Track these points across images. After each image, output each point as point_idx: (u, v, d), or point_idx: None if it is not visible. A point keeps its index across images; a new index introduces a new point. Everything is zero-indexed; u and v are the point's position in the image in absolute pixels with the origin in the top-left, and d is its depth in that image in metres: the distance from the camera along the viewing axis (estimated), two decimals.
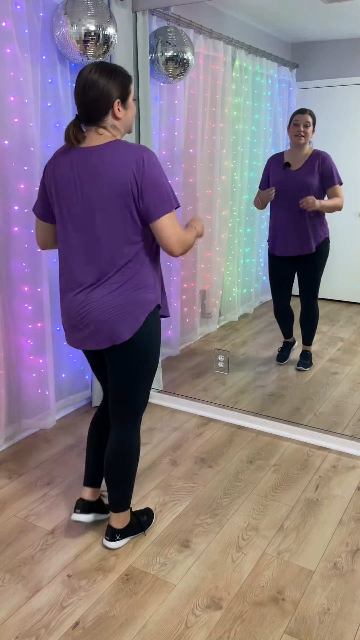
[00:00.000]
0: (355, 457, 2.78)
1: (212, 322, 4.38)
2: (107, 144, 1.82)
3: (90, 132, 1.86)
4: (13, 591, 1.97)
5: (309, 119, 3.35)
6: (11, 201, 2.66)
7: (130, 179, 1.79)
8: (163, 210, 1.81)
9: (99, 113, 1.82)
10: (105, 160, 1.80)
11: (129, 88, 1.88)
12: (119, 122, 1.87)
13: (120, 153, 1.80)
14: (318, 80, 4.26)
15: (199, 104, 3.74)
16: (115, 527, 2.16)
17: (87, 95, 1.80)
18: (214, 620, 1.85)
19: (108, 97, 1.81)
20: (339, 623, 1.83)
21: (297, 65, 4.28)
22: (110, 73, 1.81)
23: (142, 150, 1.82)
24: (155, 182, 1.80)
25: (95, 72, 1.80)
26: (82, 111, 1.84)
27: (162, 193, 1.81)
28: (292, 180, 3.40)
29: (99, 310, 1.90)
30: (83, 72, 1.82)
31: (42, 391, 2.94)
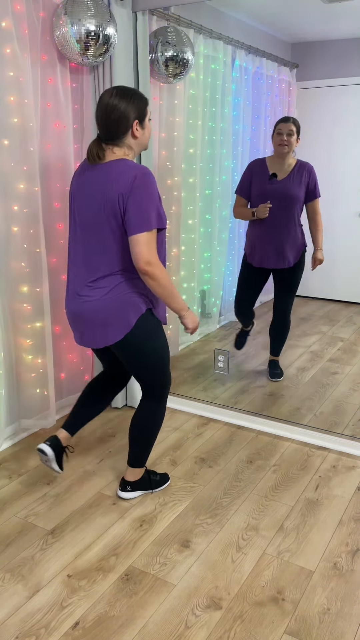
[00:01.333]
0: (355, 457, 2.78)
1: (212, 322, 4.38)
2: (112, 162, 2.03)
3: (107, 150, 2.07)
4: (13, 591, 1.97)
5: (293, 127, 3.26)
6: (11, 201, 2.66)
7: (120, 195, 1.97)
8: (139, 228, 1.96)
9: (119, 133, 2.03)
10: (106, 177, 2.03)
11: (146, 110, 2.09)
12: (136, 142, 2.09)
13: (119, 171, 1.99)
14: (318, 80, 4.26)
15: (199, 104, 3.74)
16: (127, 479, 2.45)
17: (109, 118, 2.01)
18: (214, 620, 1.85)
19: (127, 119, 2.02)
20: (339, 623, 1.83)
21: (297, 65, 4.28)
22: (130, 97, 2.03)
23: (138, 170, 1.99)
24: (138, 200, 1.96)
25: (115, 96, 2.01)
26: (104, 132, 2.04)
27: (143, 212, 1.96)
28: (278, 190, 3.30)
29: (91, 312, 2.10)
30: (104, 96, 2.03)
31: (41, 391, 2.94)
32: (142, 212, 1.96)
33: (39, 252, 2.76)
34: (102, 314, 2.09)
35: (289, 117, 3.30)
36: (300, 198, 3.34)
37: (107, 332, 2.11)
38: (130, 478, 2.45)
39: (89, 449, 2.87)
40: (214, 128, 3.91)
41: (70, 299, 2.18)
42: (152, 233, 1.98)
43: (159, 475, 2.55)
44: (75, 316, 2.17)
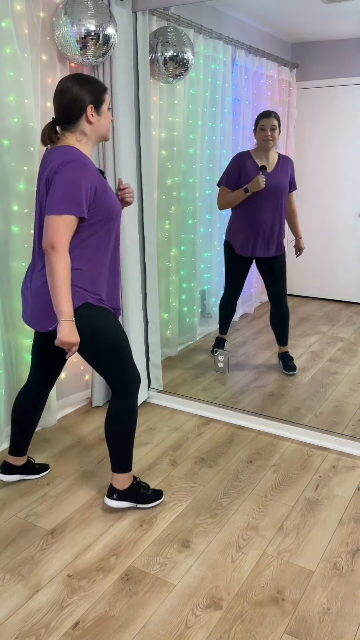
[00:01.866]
0: (355, 457, 2.78)
1: (212, 322, 4.38)
2: (57, 147, 2.03)
3: (61, 135, 2.07)
4: (13, 591, 1.97)
5: (275, 122, 3.35)
6: (11, 201, 2.66)
7: (48, 179, 1.98)
8: (51, 210, 1.94)
9: (71, 117, 2.02)
10: (45, 162, 2.02)
11: (104, 97, 2.07)
12: (91, 128, 2.06)
13: (55, 156, 1.99)
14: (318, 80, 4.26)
15: (199, 104, 3.74)
16: (114, 486, 2.36)
17: (62, 100, 2.02)
18: (214, 620, 1.85)
19: (80, 102, 2.01)
20: (339, 623, 1.83)
21: (297, 65, 4.28)
22: (85, 81, 2.03)
23: (69, 156, 1.97)
24: (57, 183, 1.94)
25: (70, 80, 2.02)
26: (58, 114, 2.04)
27: (59, 195, 1.93)
28: (269, 182, 3.41)
29: (32, 297, 2.11)
30: (60, 80, 2.04)
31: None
32: (57, 194, 1.92)
33: None
34: (40, 300, 2.07)
35: (270, 112, 3.37)
36: (287, 189, 3.49)
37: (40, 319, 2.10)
38: (117, 486, 2.35)
39: (89, 449, 2.87)
40: (214, 128, 3.91)
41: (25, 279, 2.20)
42: (63, 218, 1.92)
43: (152, 490, 2.42)
44: (23, 298, 2.18)
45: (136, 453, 2.83)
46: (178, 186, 3.68)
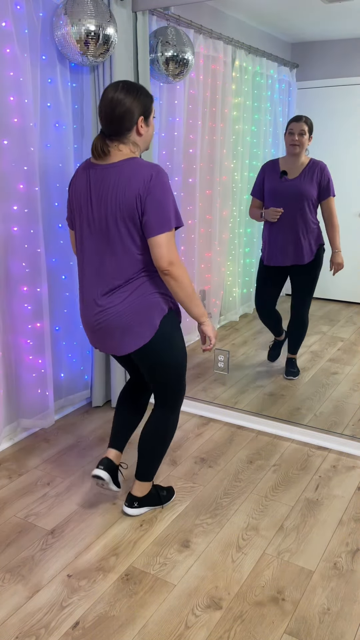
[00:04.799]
0: (355, 457, 2.78)
1: (213, 322, 4.38)
2: (124, 161, 1.95)
3: (112, 147, 1.99)
4: (13, 591, 1.97)
5: (304, 127, 3.26)
6: (11, 201, 2.66)
7: (137, 195, 1.91)
8: (160, 229, 1.91)
9: (123, 129, 1.96)
10: (119, 177, 1.93)
11: (151, 107, 2.03)
12: (140, 139, 2.02)
13: (133, 170, 1.92)
14: (318, 80, 4.27)
15: (199, 104, 3.74)
16: (135, 495, 2.34)
17: (114, 112, 1.94)
18: (214, 620, 1.85)
19: (132, 114, 1.95)
20: (339, 623, 1.83)
21: (297, 65, 4.28)
22: (136, 92, 1.97)
23: (152, 169, 1.92)
24: (157, 201, 1.90)
25: (121, 90, 1.95)
26: (108, 127, 1.97)
27: (163, 212, 1.91)
28: (289, 189, 3.32)
29: (113, 318, 2.03)
30: (109, 90, 1.96)
31: (41, 391, 2.94)
32: (162, 212, 1.90)
33: (39, 252, 2.76)
34: (125, 318, 2.02)
35: (301, 116, 3.29)
36: (312, 196, 3.33)
37: (130, 338, 2.04)
38: (138, 494, 2.34)
39: (89, 449, 2.87)
40: (214, 128, 3.91)
41: (89, 309, 2.09)
42: (172, 233, 1.93)
43: (165, 489, 2.45)
44: (95, 326, 2.08)
45: (136, 453, 2.83)
46: (178, 186, 3.68)
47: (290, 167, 3.35)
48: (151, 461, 2.29)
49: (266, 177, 3.42)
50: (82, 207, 2.03)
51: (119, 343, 2.07)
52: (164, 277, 1.97)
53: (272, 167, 3.41)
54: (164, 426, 2.24)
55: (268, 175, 3.41)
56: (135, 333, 2.04)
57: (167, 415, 2.24)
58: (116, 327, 2.04)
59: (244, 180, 4.16)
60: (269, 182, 3.40)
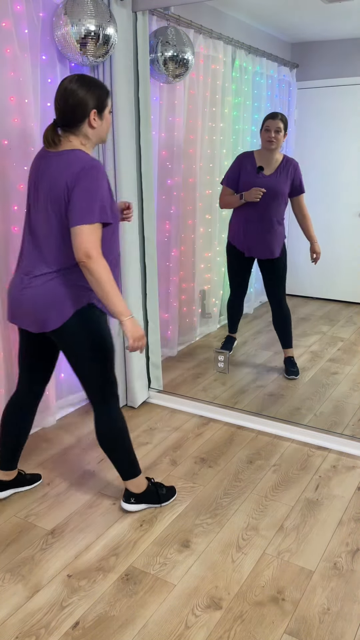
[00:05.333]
0: (355, 457, 2.78)
1: (212, 322, 4.38)
2: (68, 151, 1.99)
3: (63, 137, 2.03)
4: (13, 591, 1.97)
5: (280, 124, 3.33)
6: (11, 201, 2.66)
7: (65, 185, 1.94)
8: (81, 220, 1.91)
9: (75, 120, 1.99)
10: (58, 166, 1.97)
11: (106, 101, 2.04)
12: (93, 132, 2.04)
13: (70, 161, 1.96)
14: (318, 80, 4.26)
15: (199, 104, 3.74)
16: (130, 490, 2.34)
17: (66, 103, 1.97)
18: (214, 620, 1.85)
19: (85, 106, 1.98)
20: (339, 623, 1.83)
21: (297, 65, 4.28)
22: (90, 85, 1.99)
23: (87, 162, 1.94)
24: (82, 192, 1.92)
25: (75, 82, 1.98)
26: (61, 117, 2.00)
27: (86, 203, 1.91)
28: (265, 185, 3.39)
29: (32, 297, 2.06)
30: (64, 81, 1.99)
31: None
32: (85, 203, 1.90)
33: None
34: (41, 299, 2.04)
35: (276, 114, 3.36)
36: (286, 192, 3.45)
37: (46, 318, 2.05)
38: (133, 489, 2.34)
39: (89, 449, 2.87)
40: (214, 128, 3.91)
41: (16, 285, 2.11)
42: (94, 226, 1.92)
43: (166, 488, 2.43)
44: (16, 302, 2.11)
45: (136, 453, 2.84)
46: (178, 186, 3.68)
47: (266, 163, 3.43)
48: (122, 459, 2.28)
49: (242, 170, 3.47)
50: (30, 191, 2.08)
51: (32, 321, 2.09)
52: (82, 269, 1.96)
53: (249, 161, 3.47)
54: (110, 426, 2.22)
55: (244, 168, 3.47)
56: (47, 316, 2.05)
57: (107, 413, 2.21)
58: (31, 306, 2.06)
59: None
60: (245, 175, 3.46)
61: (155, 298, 3.29)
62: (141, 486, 2.34)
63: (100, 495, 2.49)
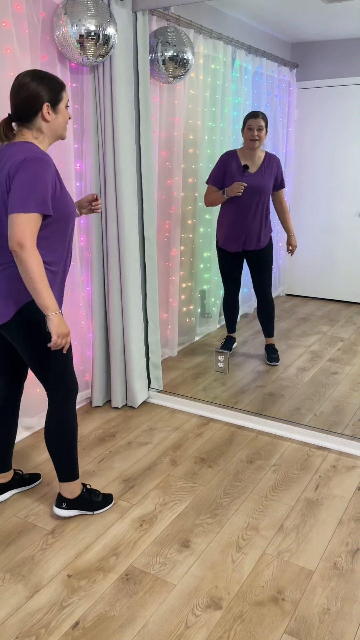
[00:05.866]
0: (355, 457, 2.78)
1: (212, 322, 4.38)
2: (17, 143, 1.97)
3: (17, 132, 2.02)
4: (13, 591, 1.97)
5: (262, 122, 3.44)
6: None
7: (8, 175, 1.92)
8: (16, 208, 1.87)
9: (28, 113, 1.98)
10: (4, 157, 1.95)
11: (61, 94, 2.02)
12: (47, 126, 2.02)
13: (16, 152, 1.94)
14: (318, 80, 4.26)
15: (199, 104, 3.74)
16: (62, 495, 2.31)
17: (18, 96, 1.97)
18: (214, 620, 1.85)
19: (36, 99, 1.96)
20: (339, 623, 1.83)
21: (297, 65, 4.28)
22: (42, 78, 1.97)
23: (32, 153, 1.92)
24: (21, 181, 1.89)
25: (27, 75, 1.97)
26: (14, 110, 2.00)
27: (23, 192, 1.88)
28: (251, 182, 3.50)
29: None
30: (18, 76, 2.02)
31: (42, 390, 2.94)
32: (23, 192, 1.87)
33: None
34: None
35: (257, 112, 3.45)
36: (270, 189, 3.58)
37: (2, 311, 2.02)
38: (66, 495, 2.29)
39: (89, 449, 2.87)
40: (214, 128, 3.91)
41: None
42: (30, 216, 1.87)
43: (102, 495, 2.38)
44: None
45: (136, 453, 2.84)
46: (178, 186, 3.68)
47: (250, 161, 3.53)
48: (63, 460, 2.24)
49: (227, 168, 3.56)
50: None
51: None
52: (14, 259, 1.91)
53: (233, 160, 3.56)
54: (62, 423, 2.20)
55: (229, 167, 3.56)
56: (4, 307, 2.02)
57: (61, 410, 2.19)
58: None
59: None
60: (230, 175, 3.55)
61: (155, 298, 3.29)
62: (75, 492, 2.30)
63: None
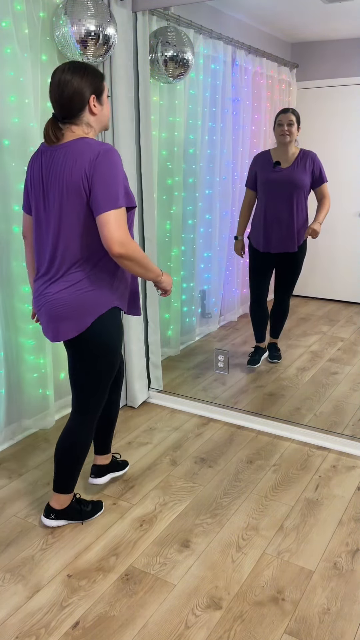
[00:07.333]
0: (355, 457, 2.78)
1: (212, 322, 4.38)
2: (73, 141, 1.90)
3: (65, 130, 1.94)
4: (13, 591, 1.97)
5: (292, 117, 3.40)
6: (11, 201, 2.66)
7: (84, 173, 1.84)
8: (107, 206, 1.81)
9: (74, 110, 1.91)
10: (67, 157, 1.88)
11: (102, 85, 1.96)
12: (95, 119, 1.96)
13: (81, 149, 1.86)
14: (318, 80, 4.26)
15: (199, 104, 3.74)
16: (52, 506, 2.26)
17: (62, 94, 1.89)
18: (214, 620, 1.85)
19: (82, 94, 1.90)
20: (339, 623, 1.83)
21: (297, 65, 4.28)
22: (83, 71, 1.90)
23: (101, 146, 1.86)
24: (103, 178, 1.82)
25: (68, 71, 1.89)
26: (59, 109, 1.92)
27: (109, 189, 1.82)
28: (283, 178, 3.45)
29: (51, 305, 1.98)
30: (56, 72, 1.91)
31: (42, 391, 2.94)
32: (109, 189, 1.81)
33: None
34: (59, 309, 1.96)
35: (288, 108, 3.45)
36: (305, 185, 3.46)
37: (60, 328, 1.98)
38: (56, 506, 2.24)
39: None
40: (214, 128, 3.91)
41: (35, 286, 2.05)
42: (121, 211, 1.82)
43: (90, 504, 2.35)
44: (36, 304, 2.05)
45: (136, 453, 2.84)
46: (178, 186, 3.68)
47: (282, 157, 3.47)
48: (68, 472, 2.20)
49: (258, 168, 3.53)
50: (36, 191, 1.97)
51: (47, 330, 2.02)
52: (118, 261, 1.86)
53: (264, 158, 3.52)
54: (74, 439, 2.16)
55: (260, 167, 3.52)
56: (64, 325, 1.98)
57: (85, 423, 2.16)
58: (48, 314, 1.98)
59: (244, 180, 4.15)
60: (262, 173, 3.51)
61: (156, 298, 3.29)
62: (64, 504, 2.25)
63: (100, 495, 2.49)
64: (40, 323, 2.08)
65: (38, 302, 2.04)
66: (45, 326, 2.03)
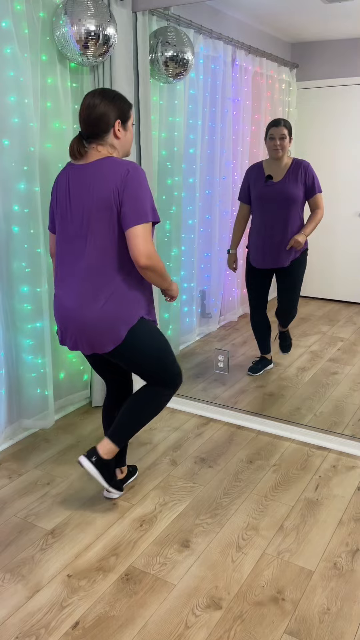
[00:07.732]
0: (355, 457, 2.78)
1: (212, 322, 4.38)
2: (101, 160, 2.02)
3: (91, 149, 2.07)
4: (13, 591, 1.97)
5: (284, 131, 3.32)
6: (11, 201, 2.66)
7: (114, 189, 1.96)
8: (137, 220, 1.94)
9: (99, 131, 2.04)
10: (95, 174, 1.99)
11: (129, 113, 2.10)
12: (118, 142, 2.09)
13: (109, 167, 1.98)
14: (318, 80, 4.26)
15: (199, 104, 3.74)
16: (97, 450, 2.23)
17: (89, 116, 2.03)
18: (214, 620, 1.85)
19: (108, 117, 2.03)
20: (339, 623, 1.83)
21: (297, 65, 4.28)
22: (112, 97, 2.05)
23: (129, 165, 1.99)
24: (134, 193, 1.95)
25: (97, 96, 2.04)
26: (86, 129, 2.05)
27: (139, 204, 1.95)
28: (275, 192, 3.36)
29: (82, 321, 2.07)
30: (87, 96, 2.05)
31: (41, 391, 2.94)
32: (138, 204, 1.95)
33: (39, 252, 2.76)
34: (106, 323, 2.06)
35: (279, 120, 3.34)
36: (298, 197, 3.37)
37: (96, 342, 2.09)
38: (101, 451, 2.23)
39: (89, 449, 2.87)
40: (214, 128, 3.91)
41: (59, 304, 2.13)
42: (148, 225, 1.97)
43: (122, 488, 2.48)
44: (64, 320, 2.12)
45: (136, 453, 2.84)
46: (178, 186, 3.68)
47: (275, 170, 3.39)
48: (127, 423, 2.23)
49: (251, 182, 3.46)
50: (62, 208, 2.08)
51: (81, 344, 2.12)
52: (142, 272, 2.01)
53: (257, 172, 3.44)
54: (153, 397, 2.24)
55: (253, 180, 3.45)
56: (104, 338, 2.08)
57: (164, 390, 2.26)
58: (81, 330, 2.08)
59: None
60: (254, 187, 3.44)
61: (156, 298, 3.29)
62: (109, 454, 2.24)
63: (100, 495, 2.49)
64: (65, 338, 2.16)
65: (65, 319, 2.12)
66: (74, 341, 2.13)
